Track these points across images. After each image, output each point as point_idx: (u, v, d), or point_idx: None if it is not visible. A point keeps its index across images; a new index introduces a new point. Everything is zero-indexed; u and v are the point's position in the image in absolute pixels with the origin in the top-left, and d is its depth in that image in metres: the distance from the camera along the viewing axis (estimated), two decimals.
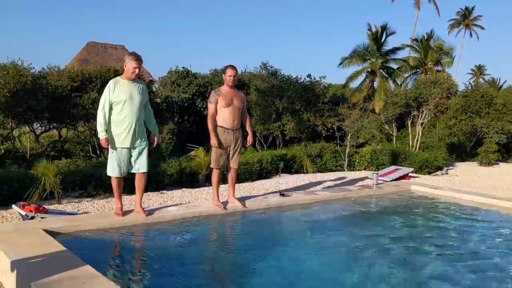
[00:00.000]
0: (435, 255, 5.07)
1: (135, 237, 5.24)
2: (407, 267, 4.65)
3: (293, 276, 4.32)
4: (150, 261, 4.48)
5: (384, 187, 9.25)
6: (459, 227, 6.51)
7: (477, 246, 5.51)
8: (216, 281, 4.09)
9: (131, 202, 8.49)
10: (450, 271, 4.55)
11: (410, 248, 5.37)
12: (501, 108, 22.14)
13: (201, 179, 12.67)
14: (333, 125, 20.26)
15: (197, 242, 5.25)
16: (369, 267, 4.61)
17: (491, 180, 14.10)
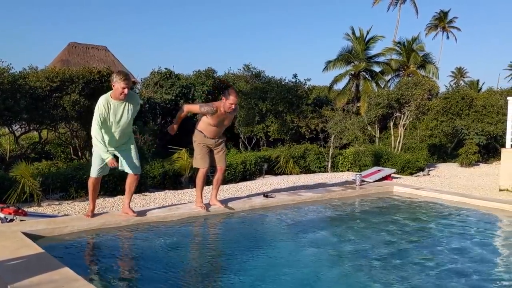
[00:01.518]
0: (415, 254, 5.11)
1: (116, 239, 5.16)
2: (388, 265, 4.67)
3: (273, 277, 4.31)
4: (131, 263, 4.43)
5: (367, 188, 9.30)
6: (439, 227, 6.58)
7: (456, 245, 5.58)
8: (197, 282, 4.05)
9: (113, 204, 8.40)
10: (428, 268, 4.59)
11: (391, 246, 5.40)
12: (481, 109, 22.46)
13: (184, 181, 12.60)
14: (317, 127, 20.34)
15: (179, 244, 5.20)
16: (351, 266, 4.62)
17: (472, 180, 14.29)
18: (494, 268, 4.92)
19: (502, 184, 11.58)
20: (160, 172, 12.72)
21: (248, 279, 4.23)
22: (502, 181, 11.60)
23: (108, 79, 15.09)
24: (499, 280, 4.43)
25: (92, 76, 14.10)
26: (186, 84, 21.21)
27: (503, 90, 27.17)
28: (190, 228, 5.92)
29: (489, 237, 6.15)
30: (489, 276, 4.55)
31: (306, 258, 4.89)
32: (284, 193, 8.53)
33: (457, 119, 22.48)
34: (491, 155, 21.86)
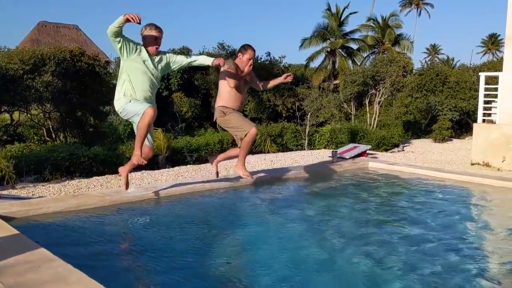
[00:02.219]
0: (390, 226, 5.23)
1: (91, 219, 5.12)
2: (362, 239, 4.78)
3: (250, 252, 4.37)
4: (107, 242, 4.41)
5: (343, 164, 9.42)
6: (413, 200, 6.73)
7: (430, 217, 5.73)
8: (172, 260, 4.07)
9: (88, 185, 8.32)
10: (401, 240, 4.72)
11: (366, 220, 5.52)
12: (455, 86, 22.83)
13: (161, 161, 12.53)
14: (293, 105, 20.40)
15: (156, 223, 5.19)
16: (330, 240, 4.71)
17: (445, 155, 14.61)
18: (464, 236, 5.09)
19: (474, 158, 11.87)
20: None
21: (227, 254, 4.30)
22: (474, 155, 11.89)
23: (80, 59, 14.80)
24: (470, 247, 4.59)
25: (63, 56, 13.77)
26: None
27: (476, 66, 27.66)
28: (168, 206, 5.91)
29: (461, 209, 6.32)
30: (460, 242, 4.71)
31: (286, 232, 4.96)
32: (262, 170, 8.58)
33: (431, 95, 22.83)
34: (463, 131, 22.34)
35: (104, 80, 16.03)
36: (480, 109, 12.24)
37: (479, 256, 4.42)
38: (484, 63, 30.20)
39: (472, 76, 22.54)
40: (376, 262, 4.08)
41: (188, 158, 13.28)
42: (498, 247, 4.79)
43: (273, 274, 3.84)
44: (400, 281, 3.72)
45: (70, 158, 10.19)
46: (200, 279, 3.75)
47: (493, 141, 11.49)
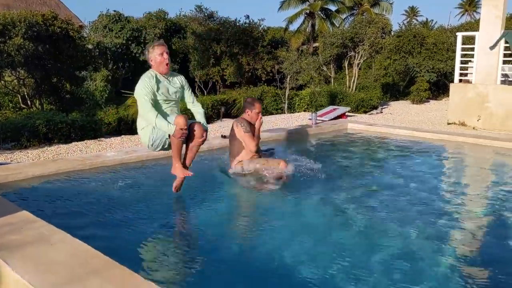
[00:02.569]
0: (369, 184, 5.36)
1: (72, 182, 5.12)
2: (342, 195, 4.89)
3: (224, 216, 4.46)
4: (89, 205, 4.43)
5: (323, 126, 9.50)
6: (392, 158, 6.89)
7: (410, 174, 5.89)
8: (150, 221, 4.12)
9: (68, 151, 8.24)
10: (380, 197, 4.86)
11: (347, 178, 5.64)
12: (432, 47, 22.94)
13: None
14: (273, 69, 20.29)
15: (135, 186, 5.20)
16: (314, 199, 4.82)
17: (422, 116, 14.84)
18: (441, 191, 5.26)
19: (450, 117, 12.09)
20: (115, 118, 12.49)
21: (202, 212, 4.37)
22: (450, 115, 12.11)
23: (53, 23, 14.35)
24: (447, 202, 4.76)
25: (35, 19, 13.34)
26: (137, 27, 20.45)
27: (453, 28, 27.76)
28: (148, 170, 5.91)
29: (437, 165, 6.49)
30: (438, 198, 4.87)
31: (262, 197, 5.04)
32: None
33: (409, 57, 22.92)
34: (441, 92, 22.62)
35: (78, 45, 15.63)
36: (457, 69, 12.38)
37: (452, 206, 4.59)
38: (461, 24, 30.32)
39: (449, 37, 22.65)
40: (354, 219, 4.21)
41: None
42: (470, 197, 4.98)
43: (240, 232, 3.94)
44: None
45: (47, 125, 10.02)
46: (178, 236, 3.84)
47: (469, 101, 11.69)
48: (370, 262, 3.26)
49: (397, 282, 2.99)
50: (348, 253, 3.41)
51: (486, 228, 4.14)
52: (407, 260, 3.30)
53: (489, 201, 4.95)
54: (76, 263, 2.82)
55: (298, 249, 3.50)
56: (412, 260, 3.31)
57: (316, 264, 3.25)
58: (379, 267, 3.19)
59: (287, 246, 3.55)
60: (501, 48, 11.27)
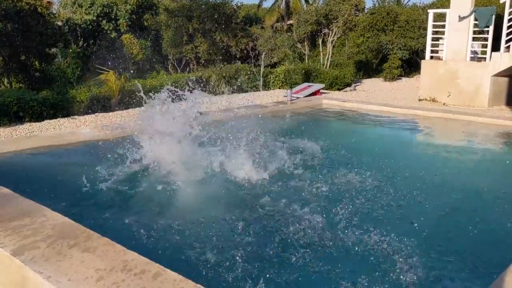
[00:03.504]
0: (343, 156, 5.50)
1: (46, 158, 5.08)
2: (316, 166, 5.02)
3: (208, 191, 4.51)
4: (63, 177, 4.43)
5: (298, 102, 9.60)
6: (363, 132, 7.04)
7: (383, 148, 6.06)
8: (124, 192, 4.16)
9: (40, 128, 8.12)
10: (358, 167, 5.00)
11: (323, 150, 5.78)
12: (405, 25, 23.15)
13: (114, 104, 12.28)
14: (247, 46, 20.19)
15: (110, 159, 5.18)
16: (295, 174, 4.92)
17: (394, 93, 15.08)
18: (412, 160, 5.45)
19: (421, 94, 12.35)
20: (88, 97, 12.29)
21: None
22: (422, 91, 12.36)
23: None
24: (417, 168, 4.95)
25: None
26: (108, 3, 19.94)
27: (426, 5, 28.02)
28: (123, 145, 5.87)
29: (407, 139, 6.69)
30: (409, 167, 5.05)
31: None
32: (217, 110, 8.62)
33: (382, 35, 23.11)
34: (412, 69, 22.96)
35: (48, 22, 15.21)
36: (428, 46, 12.59)
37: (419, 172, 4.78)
38: (433, 2, 30.61)
39: (421, 15, 22.87)
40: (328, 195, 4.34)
41: (145, 98, 13.04)
42: (438, 165, 5.19)
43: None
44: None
45: (18, 103, 9.82)
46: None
47: (439, 77, 11.94)
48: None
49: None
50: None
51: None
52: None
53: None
54: (58, 235, 2.84)
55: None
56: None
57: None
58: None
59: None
60: (470, 25, 11.50)
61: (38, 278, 2.37)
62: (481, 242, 3.46)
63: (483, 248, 3.37)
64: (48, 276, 2.35)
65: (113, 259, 2.53)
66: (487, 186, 4.60)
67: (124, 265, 2.46)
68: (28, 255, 2.58)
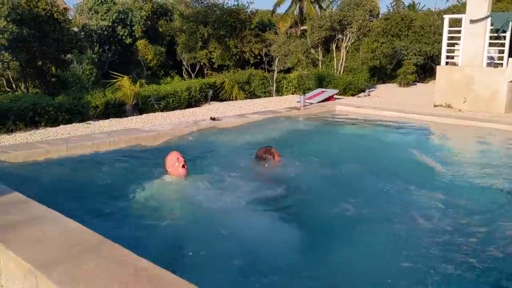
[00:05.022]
0: (362, 162, 5.45)
1: (61, 167, 5.11)
2: (329, 171, 4.99)
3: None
4: (80, 185, 4.45)
5: (311, 108, 9.57)
6: (380, 138, 6.98)
7: (398, 154, 6.00)
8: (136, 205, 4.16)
9: (56, 134, 8.19)
10: (372, 173, 4.97)
11: (335, 156, 5.74)
12: (419, 30, 23.01)
13: (128, 109, 12.36)
14: (261, 52, 20.20)
15: (122, 170, 5.20)
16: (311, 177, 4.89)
17: (409, 99, 14.94)
18: (424, 165, 5.40)
19: (436, 100, 12.20)
20: (103, 102, 12.38)
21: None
22: (437, 97, 12.22)
23: (37, 5, 14.11)
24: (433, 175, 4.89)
25: (18, 0, 13.11)
26: (123, 9, 20.14)
27: (441, 11, 27.81)
28: (138, 151, 5.91)
29: (423, 145, 6.60)
30: (424, 172, 5.00)
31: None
32: (231, 116, 8.62)
33: (396, 40, 22.98)
34: (427, 75, 22.78)
35: (64, 28, 15.41)
36: (443, 51, 12.45)
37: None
38: (449, 7, 30.38)
39: (436, 20, 22.71)
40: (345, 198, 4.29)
41: (156, 106, 13.14)
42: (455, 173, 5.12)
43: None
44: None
45: (34, 108, 9.94)
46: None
47: (455, 83, 11.80)
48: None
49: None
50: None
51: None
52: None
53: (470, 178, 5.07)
54: (70, 242, 2.84)
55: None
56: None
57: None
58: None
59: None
60: (487, 31, 11.36)
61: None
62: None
63: None
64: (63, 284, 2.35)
65: (127, 267, 2.52)
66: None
67: (135, 272, 2.44)
68: (41, 263, 2.58)
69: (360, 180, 4.81)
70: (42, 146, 5.45)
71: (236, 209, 4.03)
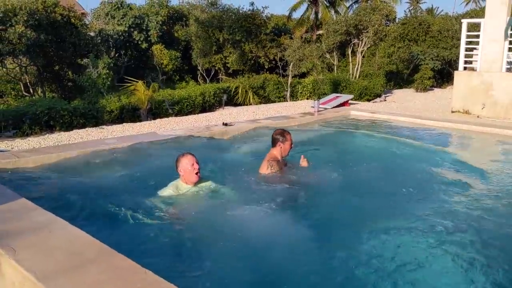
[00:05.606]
0: (372, 168, 5.32)
1: (71, 171, 5.08)
2: (344, 177, 4.89)
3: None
4: (88, 191, 4.39)
5: (325, 113, 9.43)
6: (393, 145, 6.82)
7: (415, 163, 5.86)
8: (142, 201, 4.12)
9: (69, 138, 8.21)
10: (379, 178, 4.86)
11: (349, 162, 5.62)
12: (437, 35, 22.72)
13: (142, 114, 12.40)
14: (276, 56, 20.15)
15: (138, 171, 5.15)
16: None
17: (426, 104, 14.72)
18: (444, 170, 5.25)
19: (454, 106, 11.98)
20: (117, 106, 12.45)
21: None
22: (455, 103, 11.99)
23: (54, 10, 14.26)
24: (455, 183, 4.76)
25: (35, 6, 13.26)
26: (139, 15, 20.29)
27: (459, 15, 27.45)
28: (145, 153, 5.84)
29: (441, 153, 6.42)
30: (444, 179, 4.87)
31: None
32: (244, 121, 8.55)
33: (413, 45, 22.72)
34: (445, 80, 22.45)
35: (81, 33, 15.56)
36: (461, 56, 12.23)
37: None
38: (467, 11, 30.02)
39: (454, 25, 22.41)
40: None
41: (170, 110, 13.16)
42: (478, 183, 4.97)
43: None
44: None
45: (49, 112, 10.02)
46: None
47: (473, 89, 11.56)
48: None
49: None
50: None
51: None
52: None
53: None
54: (74, 251, 2.79)
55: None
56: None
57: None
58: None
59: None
60: (507, 35, 11.12)
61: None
62: None
63: None
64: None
65: (131, 280, 2.46)
66: None
67: (141, 286, 2.38)
68: (43, 273, 2.53)
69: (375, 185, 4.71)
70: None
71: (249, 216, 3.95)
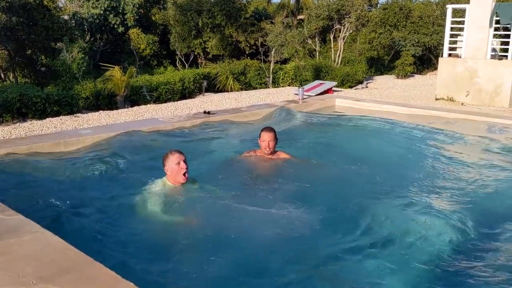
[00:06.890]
0: (363, 159, 5.13)
1: (46, 161, 4.75)
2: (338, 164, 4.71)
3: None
4: (61, 189, 4.10)
5: (310, 102, 9.21)
6: (380, 133, 6.66)
7: (403, 152, 5.72)
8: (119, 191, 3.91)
9: (41, 127, 7.80)
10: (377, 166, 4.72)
11: (338, 150, 5.44)
12: (418, 21, 22.58)
13: (119, 101, 11.96)
14: (257, 41, 19.76)
15: (116, 167, 4.84)
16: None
17: (408, 91, 14.61)
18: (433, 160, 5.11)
19: (438, 93, 11.88)
20: (93, 92, 11.98)
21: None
22: (439, 90, 11.89)
23: None
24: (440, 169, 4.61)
25: None
26: None
27: (439, 1, 27.42)
28: (125, 143, 5.53)
29: (429, 144, 6.27)
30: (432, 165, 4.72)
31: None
32: (226, 109, 8.26)
33: (394, 31, 22.58)
34: (425, 67, 22.42)
35: (54, 16, 14.91)
36: (446, 43, 12.10)
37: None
38: None
39: (435, 11, 22.32)
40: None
41: (148, 97, 12.75)
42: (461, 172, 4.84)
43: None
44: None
45: (21, 99, 9.52)
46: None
47: (457, 76, 11.47)
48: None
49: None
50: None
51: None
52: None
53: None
54: (46, 259, 2.49)
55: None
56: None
57: None
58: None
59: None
60: (492, 22, 11.01)
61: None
62: None
63: None
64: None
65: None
66: None
67: None
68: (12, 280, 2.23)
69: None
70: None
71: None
